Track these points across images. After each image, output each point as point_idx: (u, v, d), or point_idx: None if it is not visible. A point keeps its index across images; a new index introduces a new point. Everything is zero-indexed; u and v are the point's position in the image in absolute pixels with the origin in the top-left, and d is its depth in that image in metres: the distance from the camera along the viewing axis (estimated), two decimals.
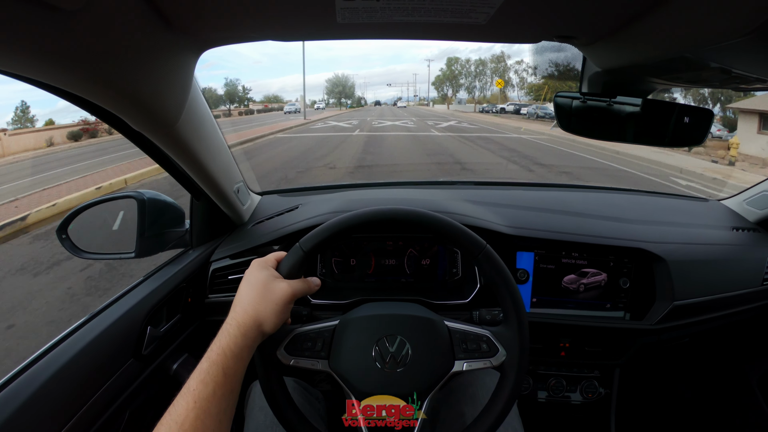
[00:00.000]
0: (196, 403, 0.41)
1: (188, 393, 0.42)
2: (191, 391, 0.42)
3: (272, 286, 0.52)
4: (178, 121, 0.60)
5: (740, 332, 1.19)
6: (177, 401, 0.42)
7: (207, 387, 0.43)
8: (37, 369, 0.59)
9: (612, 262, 0.97)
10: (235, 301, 0.51)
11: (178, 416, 0.40)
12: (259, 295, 0.51)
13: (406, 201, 1.11)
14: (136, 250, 0.88)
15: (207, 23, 0.48)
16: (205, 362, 0.45)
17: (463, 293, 0.89)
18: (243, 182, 0.98)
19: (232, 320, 0.49)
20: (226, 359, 0.45)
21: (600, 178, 6.44)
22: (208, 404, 0.42)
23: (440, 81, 54.59)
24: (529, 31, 0.52)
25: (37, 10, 0.33)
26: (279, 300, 0.52)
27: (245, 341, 0.48)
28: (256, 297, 0.51)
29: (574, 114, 0.72)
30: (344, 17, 0.45)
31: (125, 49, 0.44)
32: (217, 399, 0.43)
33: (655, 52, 0.49)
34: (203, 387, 0.43)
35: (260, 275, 0.53)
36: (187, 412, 0.41)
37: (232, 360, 0.46)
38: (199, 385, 0.43)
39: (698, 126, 0.71)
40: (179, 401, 0.42)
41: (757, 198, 1.13)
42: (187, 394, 0.42)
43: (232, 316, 0.50)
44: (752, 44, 0.40)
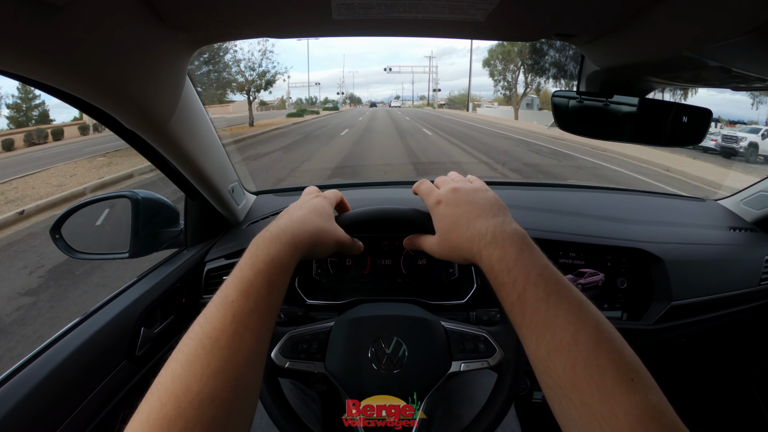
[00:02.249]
0: (235, 317, 0.35)
1: (225, 305, 0.36)
2: (229, 302, 0.36)
3: (333, 223, 0.50)
4: (171, 119, 0.59)
5: (738, 332, 1.19)
6: (209, 313, 0.35)
7: (249, 299, 0.36)
8: (29, 371, 0.58)
9: (609, 262, 0.97)
10: (288, 215, 0.47)
11: (212, 330, 0.34)
12: (322, 221, 0.48)
13: (402, 201, 1.10)
14: (130, 250, 0.87)
15: (201, 20, 0.48)
16: (249, 271, 0.38)
17: (459, 293, 0.89)
18: (238, 181, 0.97)
19: (286, 228, 0.43)
20: (273, 269, 0.39)
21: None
22: (249, 319, 0.35)
23: (503, 56, 28.20)
24: (528, 28, 0.51)
25: (23, 5, 0.32)
26: (335, 238, 0.49)
27: (296, 254, 0.42)
28: (319, 222, 0.47)
29: (571, 113, 0.72)
30: (340, 13, 0.45)
31: (116, 46, 0.43)
32: (259, 314, 0.36)
33: (655, 51, 0.49)
34: (245, 299, 0.36)
35: (327, 209, 0.51)
36: (224, 326, 0.34)
37: (280, 272, 0.39)
38: (240, 297, 0.36)
39: (696, 125, 0.71)
40: (213, 313, 0.35)
41: (754, 198, 1.13)
42: (224, 306, 0.36)
43: (285, 224, 0.44)
44: (753, 43, 0.40)
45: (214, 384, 0.32)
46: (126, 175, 7.20)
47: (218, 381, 0.32)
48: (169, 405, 0.29)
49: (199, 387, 0.31)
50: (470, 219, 0.45)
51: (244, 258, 0.40)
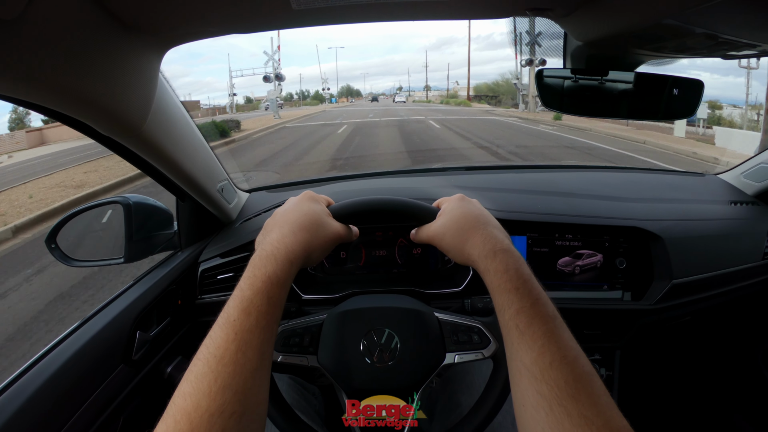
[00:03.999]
0: (237, 335, 0.37)
1: (228, 324, 0.38)
2: (231, 321, 0.38)
3: (325, 221, 0.50)
4: (144, 123, 0.58)
5: (743, 308, 1.17)
6: (214, 333, 0.38)
7: (250, 317, 0.39)
8: (26, 380, 0.59)
9: (607, 243, 0.95)
10: (278, 227, 0.47)
11: (216, 349, 0.36)
12: (313, 226, 0.48)
13: (396, 190, 1.09)
14: (125, 255, 0.87)
15: (162, 22, 0.47)
16: (248, 291, 0.40)
17: (455, 281, 0.88)
18: (228, 180, 0.96)
19: (279, 245, 0.44)
20: (271, 287, 0.41)
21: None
22: (250, 336, 0.38)
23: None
24: (501, 5, 0.50)
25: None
26: (330, 237, 0.50)
27: (292, 269, 0.44)
28: (309, 227, 0.48)
29: (566, 94, 0.70)
30: (299, 3, 0.43)
31: (77, 54, 0.43)
32: (261, 329, 0.39)
33: (636, 19, 0.47)
34: (245, 317, 0.39)
35: (314, 207, 0.51)
36: (227, 344, 0.37)
37: (278, 288, 0.42)
38: (240, 315, 0.39)
39: (688, 97, 0.69)
40: (217, 333, 0.38)
41: (754, 170, 1.10)
42: (227, 325, 0.38)
43: (278, 239, 0.45)
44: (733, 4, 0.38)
45: (222, 398, 0.34)
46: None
47: (226, 395, 0.34)
48: (183, 422, 0.32)
49: (208, 402, 0.33)
50: (487, 222, 0.50)
51: (243, 278, 0.42)
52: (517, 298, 0.41)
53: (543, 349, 0.37)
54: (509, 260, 0.44)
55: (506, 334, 0.41)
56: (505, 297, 0.42)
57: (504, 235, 0.49)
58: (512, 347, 0.40)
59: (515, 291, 0.41)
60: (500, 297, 0.42)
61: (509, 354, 0.41)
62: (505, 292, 0.42)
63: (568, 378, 0.35)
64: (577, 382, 0.35)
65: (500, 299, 0.42)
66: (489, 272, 0.44)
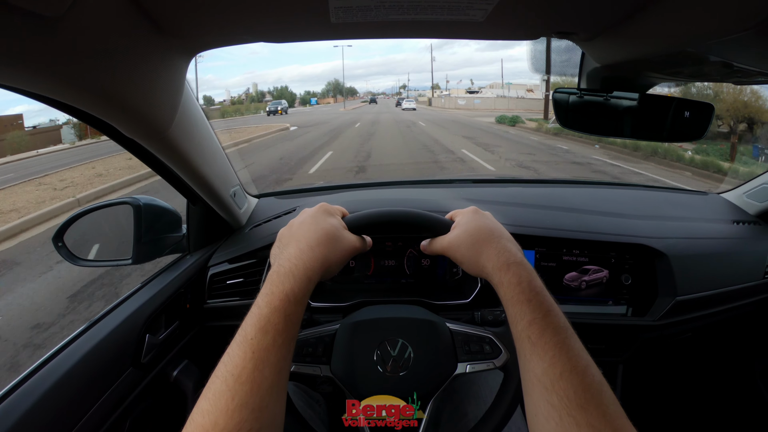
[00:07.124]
0: (254, 354, 0.38)
1: (245, 342, 0.38)
2: (248, 340, 0.38)
3: (342, 235, 0.50)
4: (170, 126, 0.59)
5: (743, 326, 1.18)
6: (232, 351, 0.38)
7: (267, 335, 0.39)
8: (36, 380, 0.58)
9: (613, 259, 0.96)
10: (295, 242, 0.47)
11: (234, 367, 0.37)
12: (331, 242, 0.48)
13: (408, 201, 1.10)
14: (133, 257, 0.87)
15: (198, 27, 0.47)
16: (266, 308, 0.40)
17: (464, 293, 0.89)
18: (239, 186, 0.97)
19: (298, 261, 0.44)
20: (289, 305, 0.41)
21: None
22: (267, 354, 0.38)
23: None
24: (528, 27, 0.51)
25: (18, 18, 0.32)
26: (346, 250, 0.50)
27: (309, 286, 0.44)
28: (327, 243, 0.48)
29: (571, 109, 0.71)
30: (338, 17, 0.44)
31: (113, 55, 0.43)
32: (277, 348, 0.39)
33: (657, 47, 0.48)
34: (263, 335, 0.39)
35: (331, 221, 0.51)
36: (245, 363, 0.37)
37: (295, 305, 0.42)
38: (258, 334, 0.39)
39: (698, 120, 0.70)
40: (235, 350, 0.38)
41: (757, 190, 1.12)
42: (244, 344, 0.38)
43: (296, 255, 0.45)
44: (754, 39, 0.40)
45: (240, 416, 0.34)
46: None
47: (243, 413, 0.35)
48: None
49: (226, 420, 0.34)
50: (501, 235, 0.51)
51: (261, 294, 0.42)
52: (529, 309, 0.42)
53: (554, 360, 0.38)
54: (522, 273, 0.45)
55: (519, 346, 0.42)
56: (518, 309, 0.43)
57: (517, 249, 0.50)
58: (524, 358, 0.41)
59: (528, 303, 0.42)
60: (513, 309, 0.43)
61: (522, 365, 0.42)
62: (518, 304, 0.43)
63: (577, 388, 0.36)
64: (586, 392, 0.35)
65: (513, 311, 0.43)
66: (503, 284, 0.45)
